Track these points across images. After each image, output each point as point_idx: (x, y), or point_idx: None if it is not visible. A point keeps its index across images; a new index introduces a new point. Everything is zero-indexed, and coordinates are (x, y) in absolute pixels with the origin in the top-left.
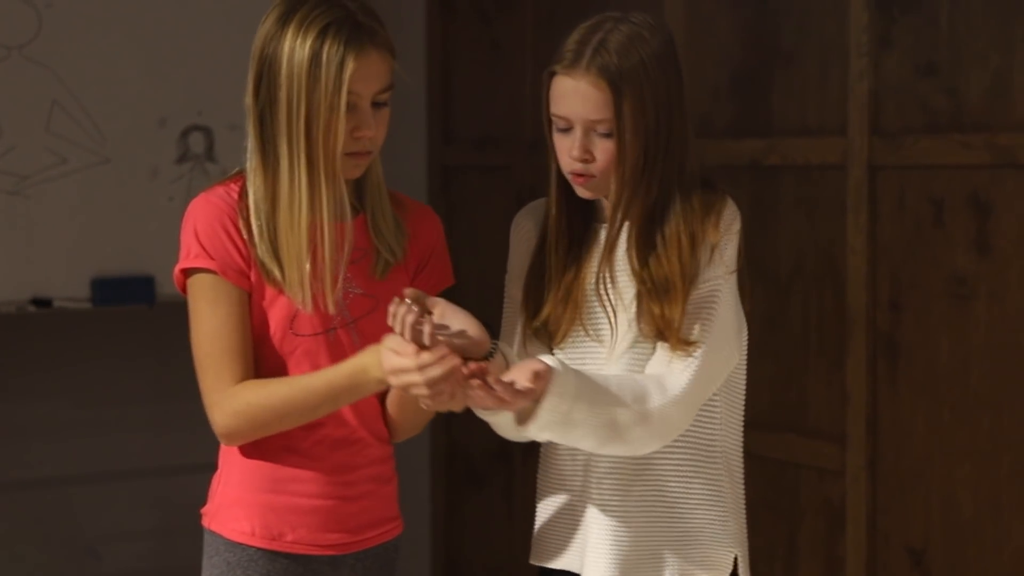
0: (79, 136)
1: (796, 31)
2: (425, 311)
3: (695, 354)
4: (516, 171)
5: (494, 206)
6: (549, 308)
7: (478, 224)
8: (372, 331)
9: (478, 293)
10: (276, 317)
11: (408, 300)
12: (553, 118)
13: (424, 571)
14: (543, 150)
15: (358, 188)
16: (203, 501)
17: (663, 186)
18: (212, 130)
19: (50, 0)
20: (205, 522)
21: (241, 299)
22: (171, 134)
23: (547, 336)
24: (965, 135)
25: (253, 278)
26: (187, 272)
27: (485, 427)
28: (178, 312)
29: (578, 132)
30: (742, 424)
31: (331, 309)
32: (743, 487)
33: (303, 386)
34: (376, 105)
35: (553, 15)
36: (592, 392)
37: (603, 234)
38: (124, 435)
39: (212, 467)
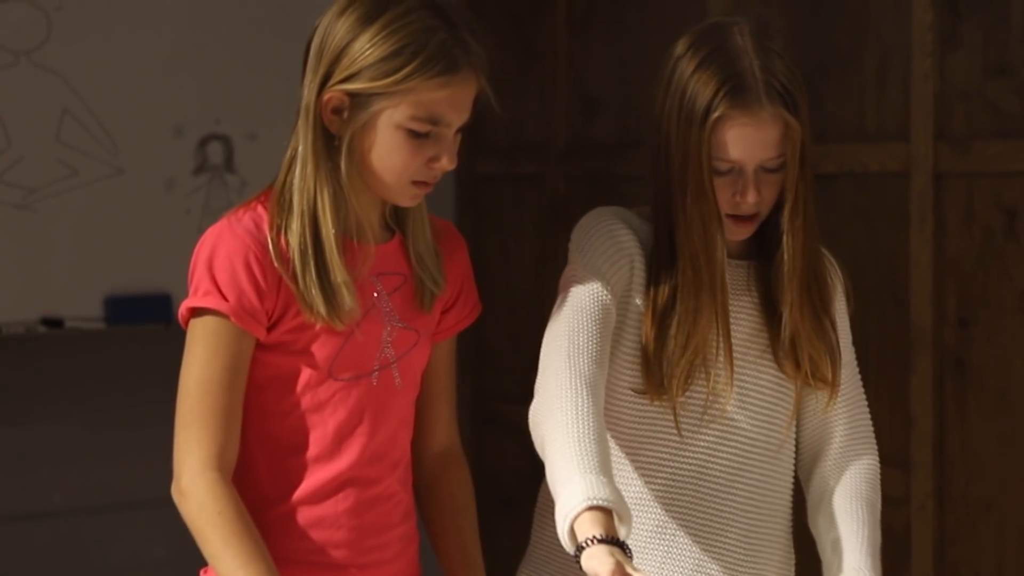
0: (91, 146)
1: (853, 30)
2: None
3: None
4: (548, 181)
5: (524, 217)
6: (677, 363)
7: (507, 237)
8: (412, 370)
9: (508, 308)
10: (313, 360)
11: None
12: (716, 163)
13: None
14: (576, 159)
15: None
16: None
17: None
18: (231, 139)
19: (60, 3)
20: None
21: (246, 350)
22: (188, 144)
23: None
24: None
25: (280, 318)
26: (193, 311)
27: (516, 448)
28: None
29: (750, 173)
30: None
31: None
32: None
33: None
34: (458, 132)
35: (588, 16)
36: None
37: (741, 271)
38: (139, 462)
39: None
